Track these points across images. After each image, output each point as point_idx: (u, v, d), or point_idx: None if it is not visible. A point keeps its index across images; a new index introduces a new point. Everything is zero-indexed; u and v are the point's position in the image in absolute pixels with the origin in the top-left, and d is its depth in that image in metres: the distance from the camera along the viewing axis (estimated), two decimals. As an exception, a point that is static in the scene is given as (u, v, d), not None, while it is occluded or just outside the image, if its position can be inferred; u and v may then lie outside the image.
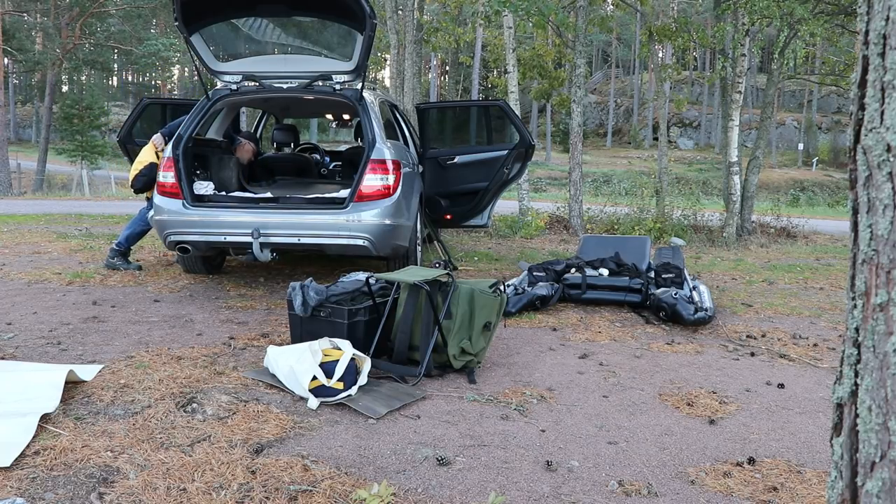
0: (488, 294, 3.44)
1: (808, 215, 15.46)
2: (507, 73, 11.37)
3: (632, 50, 49.43)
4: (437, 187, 6.35)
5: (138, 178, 5.45)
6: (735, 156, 10.76)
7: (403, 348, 3.39)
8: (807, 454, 2.62)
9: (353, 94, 5.01)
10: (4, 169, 17.43)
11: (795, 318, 5.09)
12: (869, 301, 1.09)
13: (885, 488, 1.04)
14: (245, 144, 6.07)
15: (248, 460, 2.31)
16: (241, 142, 6.07)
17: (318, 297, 3.45)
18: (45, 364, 3.19)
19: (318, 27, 5.41)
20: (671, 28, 12.65)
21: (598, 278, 5.14)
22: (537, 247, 8.97)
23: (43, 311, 4.26)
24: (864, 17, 1.11)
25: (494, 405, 2.99)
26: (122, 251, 5.73)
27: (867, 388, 1.08)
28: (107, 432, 2.45)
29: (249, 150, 6.09)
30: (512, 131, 6.64)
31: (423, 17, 21.15)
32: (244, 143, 6.07)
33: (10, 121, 39.63)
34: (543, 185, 28.90)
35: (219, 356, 3.47)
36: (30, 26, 30.17)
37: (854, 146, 1.14)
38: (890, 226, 1.05)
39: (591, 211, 11.50)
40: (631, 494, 2.24)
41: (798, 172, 35.90)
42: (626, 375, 3.53)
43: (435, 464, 2.37)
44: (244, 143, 6.08)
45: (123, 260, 5.72)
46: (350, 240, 4.69)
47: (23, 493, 2.02)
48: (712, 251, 9.51)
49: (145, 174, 5.39)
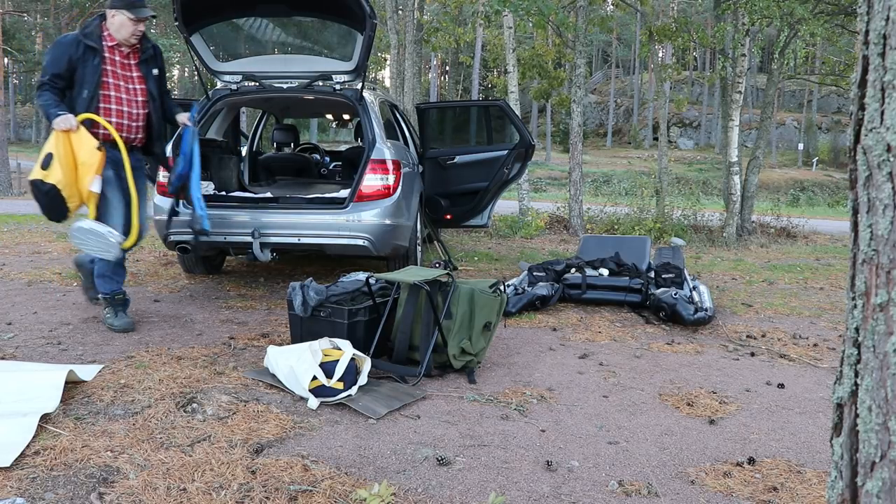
0: (488, 294, 3.44)
1: (808, 215, 15.47)
2: (507, 73, 11.37)
3: (632, 50, 49.46)
4: (437, 187, 6.35)
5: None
6: (735, 156, 10.76)
7: (403, 348, 3.39)
8: (807, 454, 2.62)
9: (353, 94, 5.02)
10: (4, 169, 17.42)
11: (795, 318, 5.09)
12: (869, 301, 1.09)
13: (885, 488, 1.04)
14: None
15: (248, 460, 2.31)
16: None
17: (318, 297, 3.45)
18: (45, 364, 3.19)
19: (318, 27, 5.41)
20: (671, 28, 12.64)
21: (598, 278, 5.14)
22: (537, 247, 8.97)
23: (43, 311, 4.26)
24: (864, 17, 1.11)
25: (494, 405, 2.99)
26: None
27: (867, 388, 1.08)
28: (107, 432, 2.45)
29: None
30: (512, 131, 6.64)
31: (423, 17, 21.17)
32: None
33: (10, 121, 39.62)
34: (543, 185, 28.91)
35: (219, 356, 3.47)
36: (30, 26, 30.20)
37: (854, 146, 1.14)
38: (890, 226, 1.05)
39: (591, 211, 11.50)
40: (631, 494, 2.24)
41: (798, 172, 35.90)
42: (626, 375, 3.53)
43: (435, 464, 2.37)
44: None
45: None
46: (350, 240, 4.69)
47: (23, 493, 2.02)
48: (712, 251, 9.51)
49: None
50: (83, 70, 3.70)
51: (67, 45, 3.71)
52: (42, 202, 3.63)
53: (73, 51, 3.69)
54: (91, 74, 3.71)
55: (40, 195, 3.60)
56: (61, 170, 3.58)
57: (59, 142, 3.59)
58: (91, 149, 3.64)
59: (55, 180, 3.57)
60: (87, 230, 3.65)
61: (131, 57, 3.89)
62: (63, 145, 3.60)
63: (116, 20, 3.75)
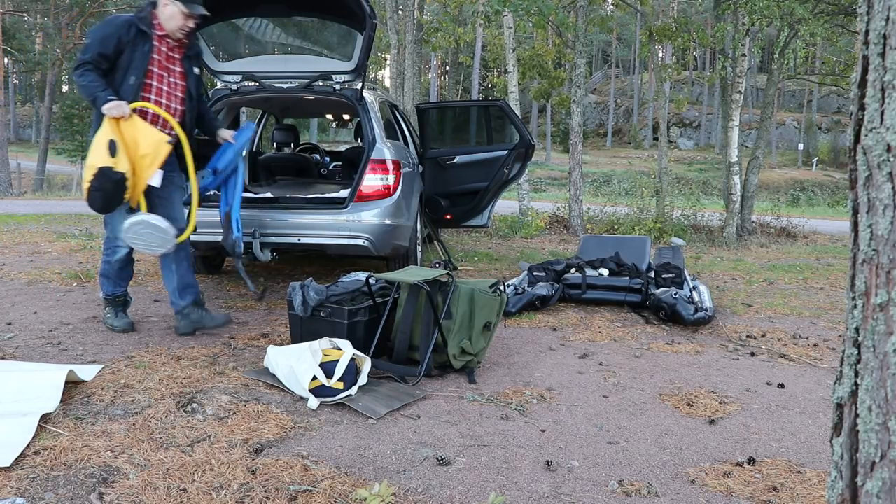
0: (488, 294, 3.44)
1: (808, 215, 15.47)
2: (507, 73, 11.37)
3: (632, 50, 49.46)
4: (437, 187, 6.35)
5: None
6: (735, 156, 10.76)
7: (403, 348, 3.39)
8: (807, 454, 2.62)
9: (353, 94, 5.02)
10: (4, 169, 17.44)
11: (795, 318, 5.09)
12: (869, 301, 1.09)
13: (885, 488, 1.04)
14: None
15: (248, 460, 2.31)
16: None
17: (318, 297, 3.45)
18: (45, 364, 3.19)
19: (318, 27, 5.41)
20: (671, 28, 12.65)
21: (598, 278, 5.14)
22: (537, 247, 8.97)
23: (43, 311, 4.26)
24: (864, 17, 1.11)
25: (494, 405, 2.99)
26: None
27: (867, 388, 1.08)
28: (107, 432, 2.45)
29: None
30: (512, 131, 6.64)
31: (423, 17, 21.17)
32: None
33: (10, 121, 39.62)
34: (543, 185, 28.92)
35: (219, 356, 3.47)
36: (30, 26, 30.18)
37: (854, 146, 1.14)
38: (890, 226, 1.05)
39: (591, 211, 11.50)
40: (631, 494, 2.24)
41: (798, 172, 35.91)
42: (626, 375, 3.53)
43: (435, 464, 2.37)
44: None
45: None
46: (350, 240, 4.69)
47: (23, 493, 2.02)
48: (712, 251, 9.52)
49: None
50: (131, 55, 3.52)
51: (119, 25, 3.51)
52: (107, 191, 3.41)
53: (123, 32, 3.50)
54: (140, 61, 3.54)
55: (108, 184, 3.39)
56: (126, 159, 3.41)
57: (117, 129, 3.41)
58: (158, 141, 3.50)
59: (124, 169, 3.40)
60: (151, 224, 3.50)
61: (176, 51, 3.74)
62: (124, 134, 3.42)
63: (168, 10, 3.58)
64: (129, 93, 3.52)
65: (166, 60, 3.69)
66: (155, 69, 3.63)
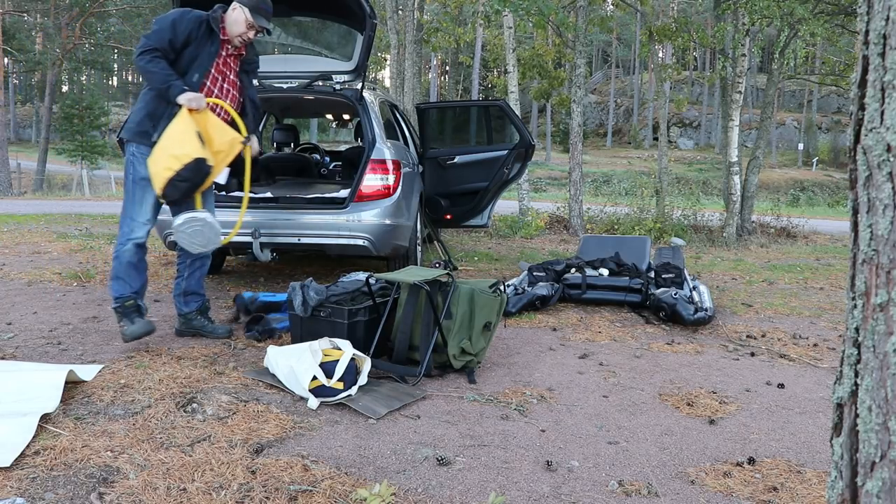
0: (488, 294, 3.44)
1: (808, 215, 15.48)
2: (507, 73, 11.37)
3: (632, 50, 49.46)
4: (437, 187, 6.35)
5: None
6: (735, 156, 10.77)
7: (403, 348, 3.39)
8: (807, 454, 2.62)
9: (353, 94, 5.02)
10: (4, 169, 17.44)
11: (795, 318, 5.09)
12: (869, 301, 1.09)
13: (885, 488, 1.04)
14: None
15: (248, 460, 2.31)
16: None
17: (318, 297, 3.45)
18: (45, 364, 3.19)
19: (318, 27, 5.41)
20: (671, 28, 12.66)
21: (598, 278, 5.14)
22: (537, 247, 8.97)
23: (43, 311, 4.26)
24: (864, 17, 1.11)
25: (494, 405, 2.99)
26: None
27: (867, 388, 1.08)
28: (107, 432, 2.45)
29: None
30: (512, 131, 6.65)
31: (423, 17, 21.17)
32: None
33: (10, 121, 39.63)
34: (543, 185, 28.94)
35: (219, 356, 3.47)
36: (30, 26, 30.19)
37: (854, 146, 1.14)
38: (890, 226, 1.05)
39: (591, 211, 11.51)
40: (631, 494, 2.24)
41: (798, 172, 35.92)
42: (626, 375, 3.53)
43: (435, 464, 2.37)
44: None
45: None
46: (350, 240, 4.69)
47: (23, 493, 2.02)
48: (712, 251, 9.52)
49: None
50: (197, 51, 3.46)
51: (192, 20, 3.44)
52: (195, 182, 3.33)
53: (195, 27, 3.43)
54: (206, 59, 3.48)
55: (199, 175, 3.31)
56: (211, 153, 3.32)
57: (196, 122, 3.32)
58: (232, 140, 3.45)
59: (212, 163, 3.33)
60: (208, 223, 3.42)
61: (231, 60, 3.67)
62: (202, 126, 3.32)
63: (235, 14, 3.53)
64: (192, 89, 3.43)
65: (223, 65, 3.62)
66: (215, 72, 3.57)
